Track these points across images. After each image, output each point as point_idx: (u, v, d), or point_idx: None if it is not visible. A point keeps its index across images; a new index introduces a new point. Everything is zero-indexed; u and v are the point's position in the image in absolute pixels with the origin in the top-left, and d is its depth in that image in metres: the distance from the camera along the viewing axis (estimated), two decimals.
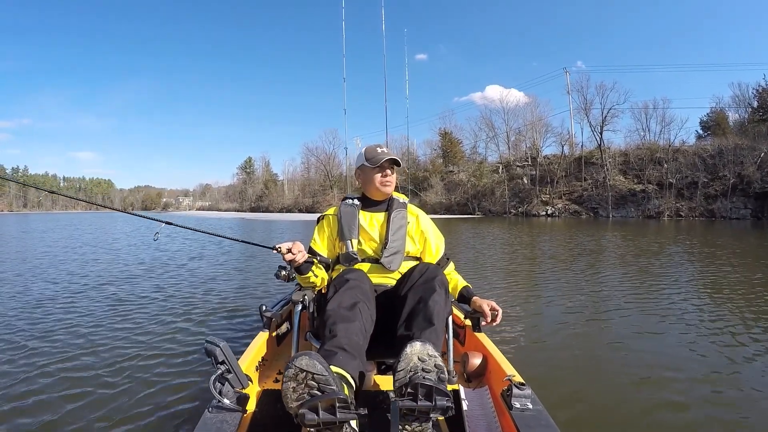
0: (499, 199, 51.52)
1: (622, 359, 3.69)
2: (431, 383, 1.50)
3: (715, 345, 3.93)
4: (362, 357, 1.82)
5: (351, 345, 1.78)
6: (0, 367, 3.41)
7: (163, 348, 3.85)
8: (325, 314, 1.93)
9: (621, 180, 44.83)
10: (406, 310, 2.00)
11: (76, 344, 3.95)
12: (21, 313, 5.08)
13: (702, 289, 6.54)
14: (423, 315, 1.94)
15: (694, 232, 20.64)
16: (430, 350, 1.58)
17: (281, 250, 2.09)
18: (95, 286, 6.89)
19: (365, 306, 1.98)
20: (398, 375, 1.56)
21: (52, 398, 2.85)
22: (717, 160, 39.49)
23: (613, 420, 2.66)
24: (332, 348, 1.75)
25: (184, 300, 5.83)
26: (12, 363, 3.48)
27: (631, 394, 2.99)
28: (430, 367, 1.55)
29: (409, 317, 1.97)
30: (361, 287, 2.04)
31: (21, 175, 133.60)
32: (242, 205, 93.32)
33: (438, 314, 1.95)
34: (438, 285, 2.04)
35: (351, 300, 1.95)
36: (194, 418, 1.96)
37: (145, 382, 3.10)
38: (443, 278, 2.15)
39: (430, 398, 1.50)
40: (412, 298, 2.02)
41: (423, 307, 1.96)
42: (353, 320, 1.88)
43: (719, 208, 37.73)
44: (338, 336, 1.80)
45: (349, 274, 2.11)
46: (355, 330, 1.86)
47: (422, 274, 2.10)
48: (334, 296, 1.98)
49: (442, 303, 2.00)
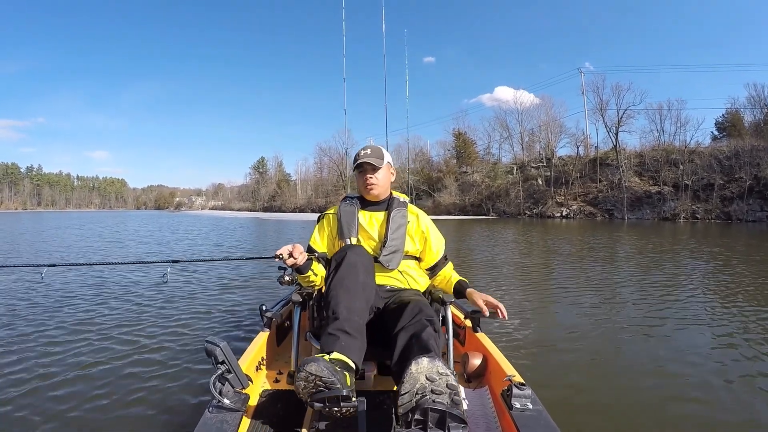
0: (514, 201, 51.32)
1: (622, 360, 3.68)
2: (444, 407, 1.36)
3: (721, 349, 3.87)
4: (363, 335, 1.86)
5: (352, 326, 1.81)
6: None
7: (163, 348, 3.87)
8: (328, 293, 1.95)
9: (636, 181, 44.46)
10: (399, 348, 1.88)
11: (75, 344, 3.96)
12: (19, 313, 5.13)
13: (711, 294, 6.36)
14: (417, 347, 1.81)
15: (709, 235, 20.38)
16: (440, 367, 1.46)
17: (283, 257, 2.09)
18: (95, 286, 6.93)
19: (366, 278, 2.02)
20: (403, 399, 1.42)
21: (51, 398, 2.86)
22: (733, 162, 39.01)
23: (613, 420, 2.65)
24: (335, 331, 1.78)
25: (184, 300, 5.84)
26: (12, 363, 3.50)
27: (631, 394, 2.97)
28: (441, 387, 1.40)
29: (404, 352, 1.85)
30: (360, 260, 2.07)
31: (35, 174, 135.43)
32: (255, 204, 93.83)
33: (433, 345, 1.83)
34: (428, 322, 1.94)
35: (352, 275, 1.98)
36: (194, 418, 1.96)
37: (145, 382, 3.12)
38: (435, 318, 2.04)
39: (443, 426, 1.36)
40: (403, 337, 1.91)
41: (416, 341, 1.85)
42: (355, 297, 1.91)
43: (735, 211, 37.24)
44: (340, 318, 1.83)
45: (348, 249, 2.12)
46: (357, 308, 1.89)
47: (413, 316, 1.98)
48: (336, 273, 2.00)
49: (435, 336, 1.91)
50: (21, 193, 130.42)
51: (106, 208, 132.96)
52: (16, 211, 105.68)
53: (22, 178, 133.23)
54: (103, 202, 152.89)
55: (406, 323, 1.95)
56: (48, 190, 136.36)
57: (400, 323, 1.97)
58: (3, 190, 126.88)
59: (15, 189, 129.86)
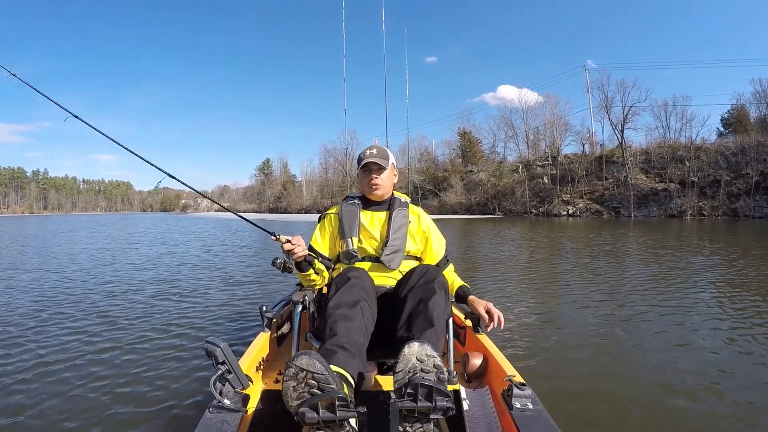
0: (520, 199, 51.31)
1: (624, 360, 3.65)
2: (431, 383, 1.50)
3: (724, 351, 3.80)
4: (362, 356, 1.82)
5: (351, 344, 1.78)
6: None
7: (163, 348, 3.87)
8: (326, 313, 1.93)
9: (642, 179, 44.34)
10: (406, 312, 1.99)
11: (75, 344, 3.97)
12: (17, 312, 5.19)
13: (717, 295, 6.24)
14: (423, 316, 1.93)
15: (716, 232, 20.26)
16: (428, 350, 1.58)
17: (280, 239, 2.10)
18: (94, 285, 6.99)
19: (366, 304, 1.98)
20: (397, 376, 1.56)
21: (51, 398, 2.87)
22: (739, 158, 38.85)
23: (614, 421, 2.63)
24: (332, 347, 1.76)
25: (184, 300, 5.87)
26: (11, 363, 3.51)
27: (633, 395, 2.94)
28: (429, 367, 1.55)
29: (409, 319, 1.96)
30: (362, 285, 2.04)
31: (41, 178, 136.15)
32: (261, 206, 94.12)
33: (438, 315, 1.93)
34: (438, 287, 2.04)
35: (352, 298, 1.96)
36: (194, 418, 1.96)
37: (145, 383, 3.12)
38: (443, 280, 2.14)
39: (430, 399, 1.49)
40: (412, 300, 2.01)
41: (423, 308, 1.95)
42: (354, 319, 1.88)
43: (742, 207, 37.08)
44: (338, 335, 1.80)
45: (350, 273, 2.11)
46: (356, 329, 1.86)
47: (422, 276, 2.09)
48: (336, 295, 1.99)
49: (442, 304, 1.99)
50: (27, 197, 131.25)
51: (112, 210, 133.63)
52: (23, 215, 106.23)
53: (28, 182, 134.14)
54: (109, 205, 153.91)
55: (415, 283, 2.07)
56: (54, 193, 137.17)
57: (409, 283, 2.09)
58: (9, 194, 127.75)
59: (21, 193, 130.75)
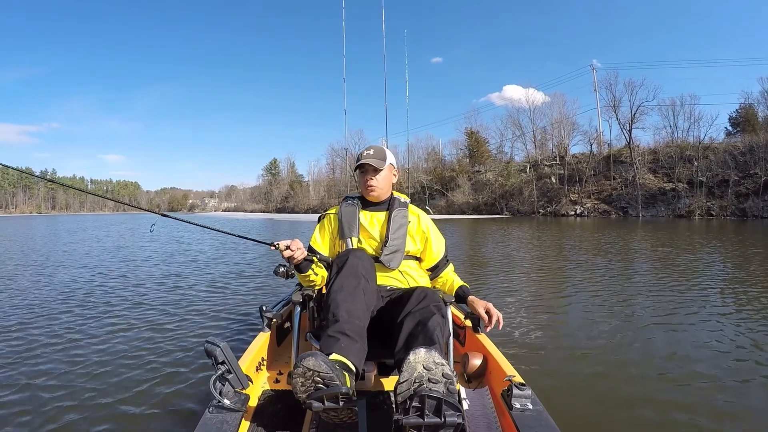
0: (527, 199, 51.18)
1: (625, 360, 3.64)
2: (439, 395, 1.39)
3: (729, 354, 3.76)
4: (363, 339, 1.84)
5: (353, 329, 1.80)
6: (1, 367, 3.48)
7: (163, 348, 3.89)
8: (329, 297, 1.94)
9: (651, 178, 44.13)
10: (404, 334, 1.90)
11: (75, 344, 4.00)
12: (16, 312, 5.22)
13: (722, 296, 6.14)
14: (423, 336, 1.83)
15: (725, 232, 20.09)
16: (436, 357, 1.49)
17: (279, 247, 2.10)
18: (93, 285, 7.01)
19: (367, 283, 2.00)
20: (401, 387, 1.46)
21: (51, 398, 2.89)
22: (748, 158, 38.59)
23: (614, 421, 2.64)
24: (335, 333, 1.78)
25: (184, 300, 5.88)
26: (11, 363, 3.53)
27: (633, 395, 2.95)
28: (437, 376, 1.43)
29: (408, 340, 1.87)
30: (362, 264, 2.06)
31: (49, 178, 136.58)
32: (268, 206, 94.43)
33: (438, 335, 1.84)
34: (436, 309, 1.96)
35: (353, 279, 1.97)
36: (194, 418, 1.98)
37: (145, 383, 3.13)
38: (442, 304, 2.07)
39: (439, 413, 1.39)
40: (410, 323, 1.93)
41: (422, 329, 1.86)
42: (356, 301, 1.90)
43: (751, 207, 36.77)
44: (341, 321, 1.82)
45: (349, 253, 2.12)
46: (357, 311, 1.88)
47: (420, 300, 2.01)
48: (337, 278, 2.00)
49: (441, 324, 1.92)
50: (35, 197, 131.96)
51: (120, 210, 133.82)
52: (31, 215, 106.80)
53: (36, 182, 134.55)
54: (116, 205, 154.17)
55: (412, 308, 1.98)
56: (62, 193, 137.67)
57: (407, 308, 1.99)
58: (18, 194, 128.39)
59: (29, 193, 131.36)
